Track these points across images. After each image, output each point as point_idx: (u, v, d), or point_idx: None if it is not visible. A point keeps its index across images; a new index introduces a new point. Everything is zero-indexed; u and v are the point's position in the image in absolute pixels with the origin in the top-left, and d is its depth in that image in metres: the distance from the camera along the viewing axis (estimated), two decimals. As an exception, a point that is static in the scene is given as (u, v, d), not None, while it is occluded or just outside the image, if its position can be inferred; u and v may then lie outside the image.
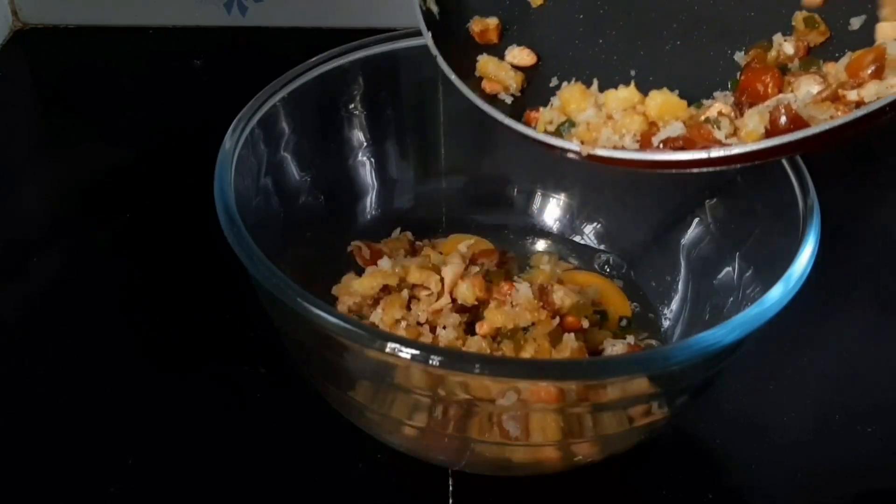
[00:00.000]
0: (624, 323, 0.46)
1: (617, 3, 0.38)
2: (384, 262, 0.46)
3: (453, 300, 0.44)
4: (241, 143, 0.40)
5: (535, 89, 0.38)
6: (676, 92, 0.35)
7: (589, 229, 0.52)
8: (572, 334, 0.42)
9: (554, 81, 0.38)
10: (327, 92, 0.47)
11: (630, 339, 0.45)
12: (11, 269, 0.53)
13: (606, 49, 0.38)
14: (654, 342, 0.46)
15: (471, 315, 0.44)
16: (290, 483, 0.41)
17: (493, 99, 0.38)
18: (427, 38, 0.39)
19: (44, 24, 0.76)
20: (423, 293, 0.44)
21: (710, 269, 0.44)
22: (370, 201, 0.51)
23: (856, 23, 0.33)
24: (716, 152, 0.31)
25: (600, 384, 0.33)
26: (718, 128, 0.32)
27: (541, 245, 0.52)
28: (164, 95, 0.69)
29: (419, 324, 0.43)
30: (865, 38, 0.33)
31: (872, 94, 0.29)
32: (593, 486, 0.41)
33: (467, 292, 0.43)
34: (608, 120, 0.35)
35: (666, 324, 0.47)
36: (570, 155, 0.34)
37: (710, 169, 0.32)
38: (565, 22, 0.39)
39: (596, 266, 0.51)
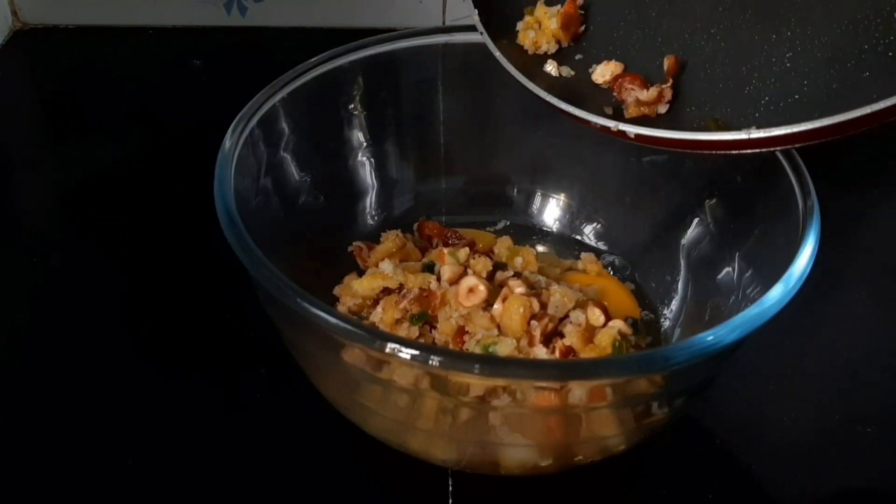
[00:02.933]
0: (629, 322, 0.46)
1: None
2: (385, 265, 0.46)
3: None
4: (241, 143, 0.41)
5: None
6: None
7: (589, 229, 0.52)
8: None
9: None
10: (327, 92, 0.47)
11: (631, 339, 0.45)
12: (11, 268, 0.53)
13: (650, 29, 0.39)
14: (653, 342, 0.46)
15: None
16: (290, 483, 0.41)
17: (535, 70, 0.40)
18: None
19: (44, 24, 0.76)
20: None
21: (710, 269, 0.44)
22: (370, 201, 0.51)
23: None
24: (756, 133, 0.32)
25: (600, 384, 0.33)
26: None
27: (541, 245, 0.52)
28: (164, 95, 0.70)
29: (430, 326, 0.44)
30: None
31: None
32: (593, 486, 0.41)
33: (454, 298, 0.43)
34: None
35: (666, 324, 0.47)
36: (610, 129, 0.36)
37: (749, 151, 0.34)
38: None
39: (600, 268, 0.51)
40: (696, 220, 0.46)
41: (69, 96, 0.70)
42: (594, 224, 0.52)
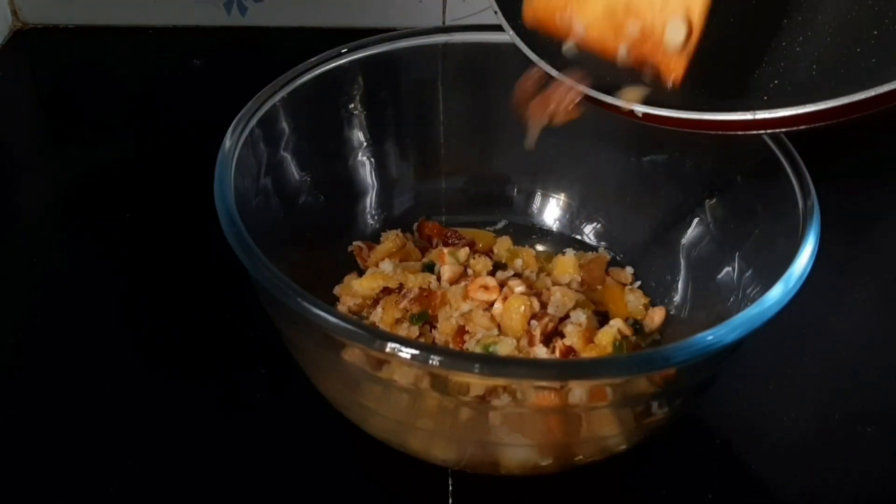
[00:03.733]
0: (631, 322, 0.46)
1: None
2: (385, 265, 0.46)
3: None
4: (241, 143, 0.41)
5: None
6: None
7: (589, 229, 0.52)
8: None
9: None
10: (327, 92, 0.47)
11: (632, 339, 0.45)
12: (11, 269, 0.53)
13: None
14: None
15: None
16: (290, 483, 0.41)
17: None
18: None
19: (44, 24, 0.76)
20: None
21: (710, 268, 0.44)
22: (370, 201, 0.51)
23: None
24: (761, 114, 0.32)
25: (600, 384, 0.33)
26: None
27: (541, 245, 0.52)
28: (164, 95, 0.70)
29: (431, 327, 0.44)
30: None
31: None
32: (593, 486, 0.41)
33: (453, 298, 0.43)
34: None
35: (666, 324, 0.47)
36: (619, 108, 0.36)
37: (754, 132, 0.34)
38: None
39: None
40: (696, 220, 0.46)
41: (69, 96, 0.70)
42: (594, 224, 0.52)
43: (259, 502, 0.40)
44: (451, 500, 0.40)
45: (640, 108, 0.35)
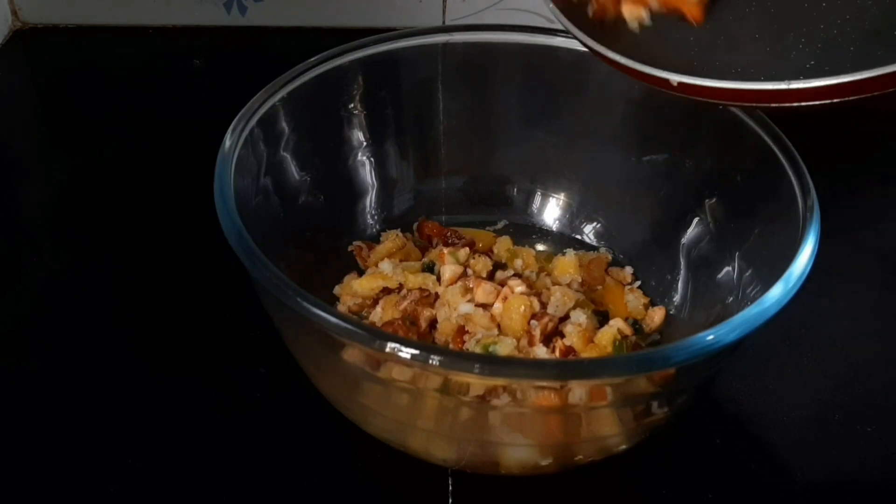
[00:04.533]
0: (631, 322, 0.46)
1: None
2: (385, 265, 0.46)
3: None
4: (241, 143, 0.40)
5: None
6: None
7: (589, 229, 0.52)
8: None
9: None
10: (327, 92, 0.47)
11: (632, 339, 0.45)
12: (11, 269, 0.53)
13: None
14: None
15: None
16: (290, 483, 0.41)
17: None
18: None
19: (44, 24, 0.76)
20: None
21: (710, 268, 0.44)
22: (370, 201, 0.51)
23: None
24: (796, 84, 0.33)
25: (600, 384, 0.33)
26: None
27: (541, 245, 0.52)
28: (164, 95, 0.70)
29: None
30: None
31: None
32: (593, 486, 0.41)
33: (453, 298, 0.43)
34: None
35: (666, 323, 0.47)
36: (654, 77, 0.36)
37: (789, 104, 0.34)
38: None
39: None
40: (696, 219, 0.46)
41: (69, 96, 0.70)
42: (594, 224, 0.52)
43: (259, 502, 0.40)
44: (451, 500, 0.40)
45: (677, 77, 0.35)
